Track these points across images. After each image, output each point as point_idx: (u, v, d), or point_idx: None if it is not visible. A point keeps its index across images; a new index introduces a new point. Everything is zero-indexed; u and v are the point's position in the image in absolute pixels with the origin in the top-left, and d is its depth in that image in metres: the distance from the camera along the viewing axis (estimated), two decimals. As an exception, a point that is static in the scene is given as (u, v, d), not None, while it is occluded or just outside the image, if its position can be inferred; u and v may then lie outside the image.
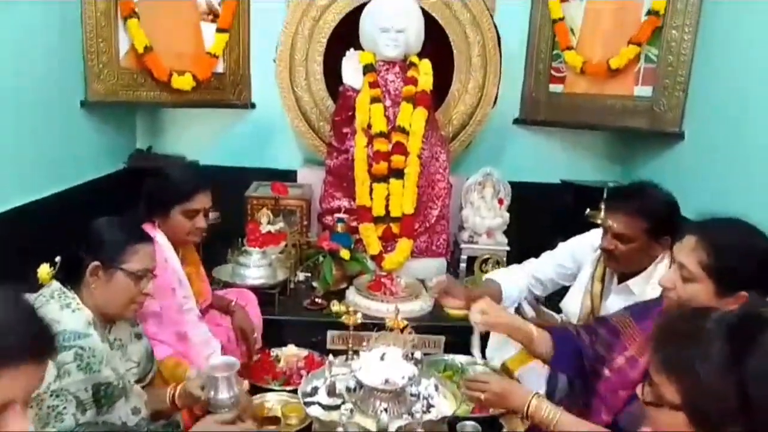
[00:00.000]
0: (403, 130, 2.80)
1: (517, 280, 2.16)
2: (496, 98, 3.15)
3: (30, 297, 1.34)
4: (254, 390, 1.89)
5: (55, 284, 1.39)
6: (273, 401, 1.90)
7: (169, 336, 1.77)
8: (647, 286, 1.77)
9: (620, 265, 1.84)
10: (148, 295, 1.50)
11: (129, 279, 1.44)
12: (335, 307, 2.39)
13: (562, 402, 1.57)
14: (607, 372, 1.45)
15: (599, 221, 2.92)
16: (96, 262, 1.40)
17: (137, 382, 1.51)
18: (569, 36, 3.08)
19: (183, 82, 2.89)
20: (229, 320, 2.06)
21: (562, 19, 3.07)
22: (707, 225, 1.37)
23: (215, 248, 2.69)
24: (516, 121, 3.39)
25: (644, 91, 2.93)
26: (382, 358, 1.51)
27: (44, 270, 1.39)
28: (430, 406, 1.48)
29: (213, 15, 3.02)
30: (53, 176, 2.45)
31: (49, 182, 2.42)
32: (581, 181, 3.35)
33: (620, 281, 1.88)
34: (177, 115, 3.31)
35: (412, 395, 1.48)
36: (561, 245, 2.18)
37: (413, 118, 2.81)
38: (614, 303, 1.87)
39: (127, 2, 2.64)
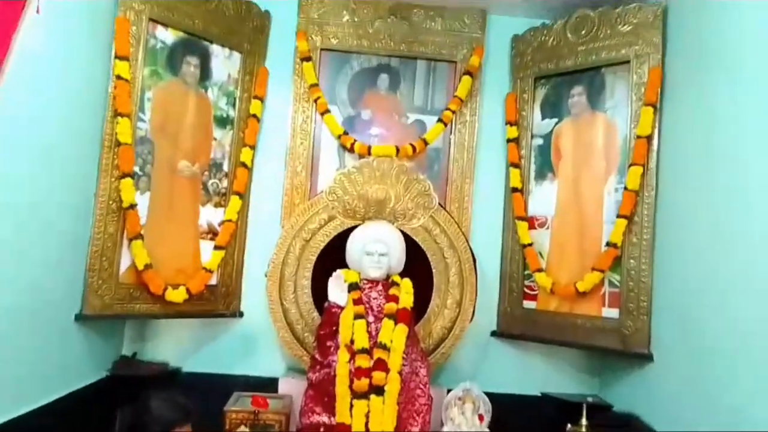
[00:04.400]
0: (385, 347, 2.90)
1: None
2: (473, 313, 3.32)
3: None
4: None
5: None
6: None
7: None
8: None
9: None
10: None
11: None
12: None
13: None
14: None
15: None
16: None
17: None
18: (538, 259, 3.35)
19: (176, 296, 3.03)
20: None
21: (530, 244, 3.37)
22: None
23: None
24: (494, 334, 3.53)
25: (611, 312, 3.11)
26: None
27: None
28: None
29: (212, 234, 3.29)
30: (40, 388, 2.48)
31: (36, 395, 2.44)
32: (561, 395, 3.39)
33: None
34: (165, 322, 3.42)
35: None
36: None
37: (394, 334, 2.93)
38: None
39: (134, 225, 2.88)
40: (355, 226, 3.23)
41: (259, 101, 3.41)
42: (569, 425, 3.12)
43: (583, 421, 3.10)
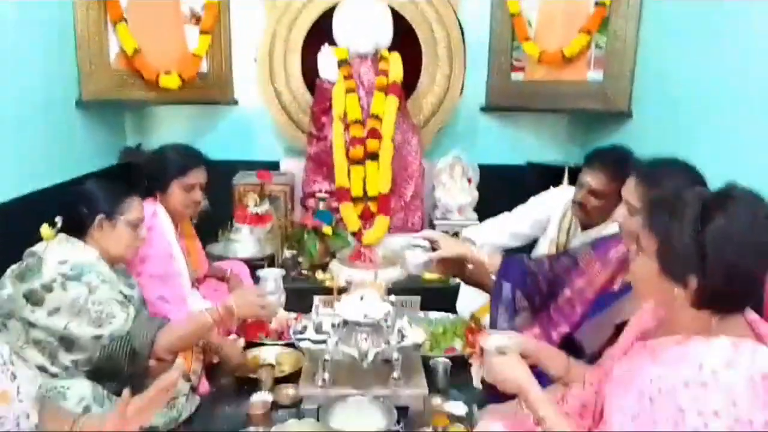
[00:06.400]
0: (377, 117, 3.03)
1: (493, 239, 2.48)
2: (462, 88, 3.40)
3: (39, 245, 1.56)
4: (248, 346, 2.09)
5: (61, 235, 1.60)
6: (266, 354, 2.10)
7: (173, 298, 1.97)
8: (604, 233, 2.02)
9: (587, 217, 2.09)
10: (144, 239, 1.76)
11: (128, 227, 1.68)
12: (320, 275, 2.65)
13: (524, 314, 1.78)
14: (567, 292, 1.69)
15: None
16: (101, 215, 1.63)
17: None
18: (527, 28, 3.34)
19: (170, 82, 3.08)
20: (225, 287, 2.27)
21: (519, 13, 3.33)
22: (646, 166, 1.62)
23: (207, 232, 2.88)
24: (483, 109, 3.64)
25: (596, 75, 3.20)
26: (361, 299, 1.73)
27: (46, 229, 1.58)
28: (403, 336, 1.71)
29: (196, 19, 3.23)
30: (52, 169, 2.64)
31: (49, 175, 2.60)
32: (545, 162, 3.62)
33: (582, 230, 2.15)
34: (164, 113, 3.52)
35: (388, 327, 1.71)
36: (534, 200, 2.51)
37: (386, 105, 3.05)
38: None
39: (115, 8, 2.84)
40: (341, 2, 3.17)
41: None
42: (551, 188, 3.38)
43: (565, 183, 3.35)
